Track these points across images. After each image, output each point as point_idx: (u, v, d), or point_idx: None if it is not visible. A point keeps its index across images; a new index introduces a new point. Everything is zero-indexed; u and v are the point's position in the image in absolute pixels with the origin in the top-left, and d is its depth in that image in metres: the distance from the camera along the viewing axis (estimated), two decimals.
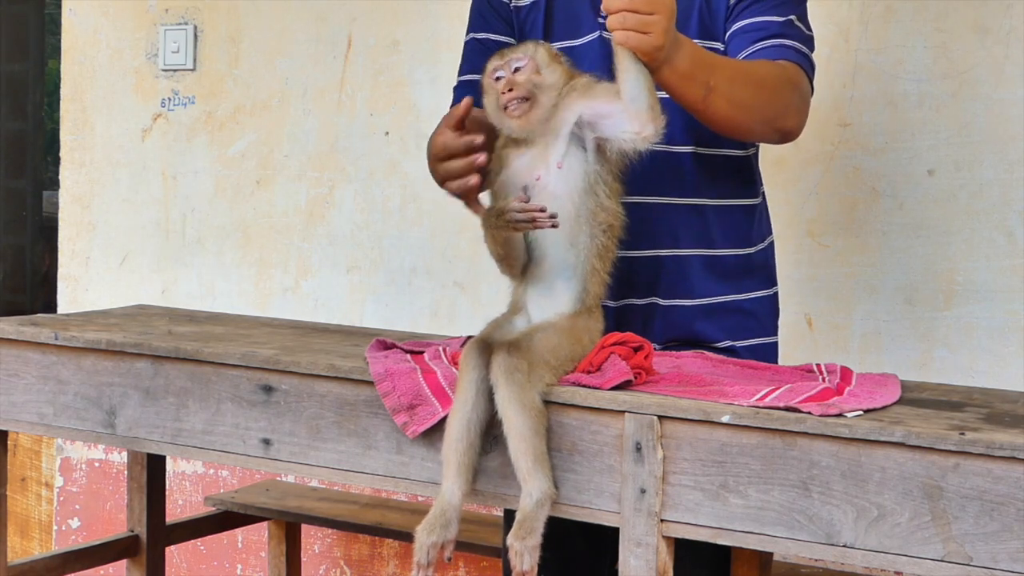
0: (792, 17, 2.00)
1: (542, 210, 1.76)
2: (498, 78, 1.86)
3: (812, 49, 2.04)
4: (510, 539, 1.67)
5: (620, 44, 1.76)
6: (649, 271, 2.04)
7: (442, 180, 1.91)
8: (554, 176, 1.83)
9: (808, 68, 2.01)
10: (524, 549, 1.66)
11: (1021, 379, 2.55)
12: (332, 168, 3.33)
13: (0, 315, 2.42)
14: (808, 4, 2.07)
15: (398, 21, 3.24)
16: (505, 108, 1.83)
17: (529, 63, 1.85)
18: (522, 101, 1.83)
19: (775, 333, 2.15)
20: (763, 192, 2.17)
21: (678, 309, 2.04)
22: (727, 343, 2.05)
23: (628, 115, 1.79)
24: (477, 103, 1.90)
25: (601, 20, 2.05)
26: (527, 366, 1.70)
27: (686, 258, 2.04)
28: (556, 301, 1.84)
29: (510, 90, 1.83)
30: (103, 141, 3.65)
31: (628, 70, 1.78)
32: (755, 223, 2.13)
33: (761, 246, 2.13)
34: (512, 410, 1.69)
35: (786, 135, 2.01)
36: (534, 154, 1.85)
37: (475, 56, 2.12)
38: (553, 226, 1.76)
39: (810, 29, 2.05)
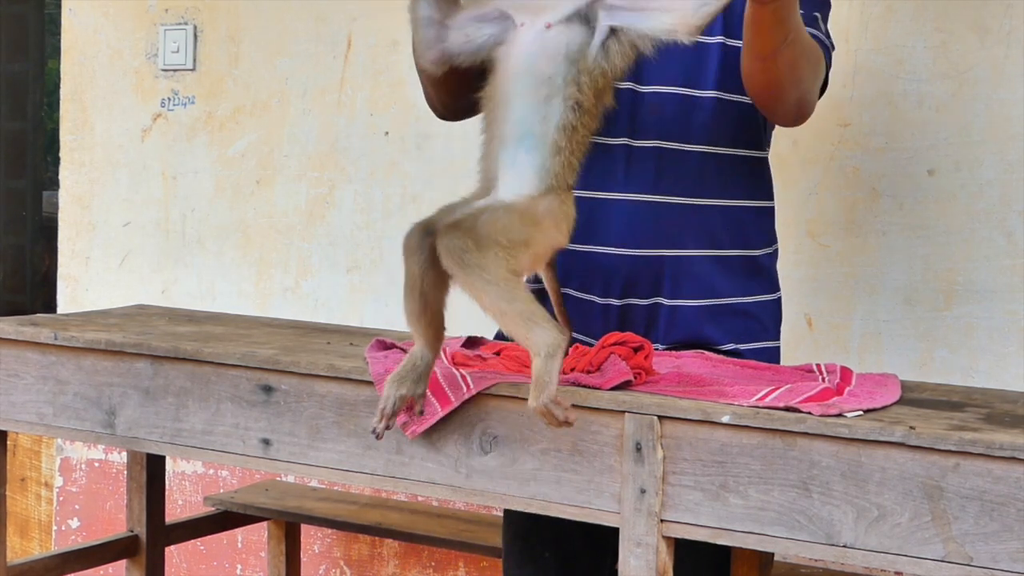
0: (817, 14, 1.99)
1: None
2: None
3: (832, 49, 2.04)
4: (530, 403, 1.59)
5: None
6: (654, 270, 2.02)
7: None
8: (536, 32, 1.72)
9: (828, 60, 2.01)
10: (544, 405, 1.58)
11: (1021, 379, 2.55)
12: (332, 168, 3.33)
13: (0, 315, 2.42)
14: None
15: (398, 21, 3.21)
16: None
17: None
18: None
19: (778, 338, 2.14)
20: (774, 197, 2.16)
21: (683, 310, 2.03)
22: (731, 346, 2.04)
23: (679, 14, 1.68)
24: None
25: None
26: (474, 244, 1.60)
27: (693, 258, 2.03)
28: (520, 174, 1.72)
29: None
30: (103, 141, 3.65)
31: None
32: (764, 226, 2.12)
33: (768, 250, 2.12)
34: (481, 292, 1.59)
35: (801, 116, 1.99)
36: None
37: None
38: None
39: (830, 37, 2.05)
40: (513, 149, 1.72)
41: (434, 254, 1.63)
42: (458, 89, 1.93)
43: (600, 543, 2.04)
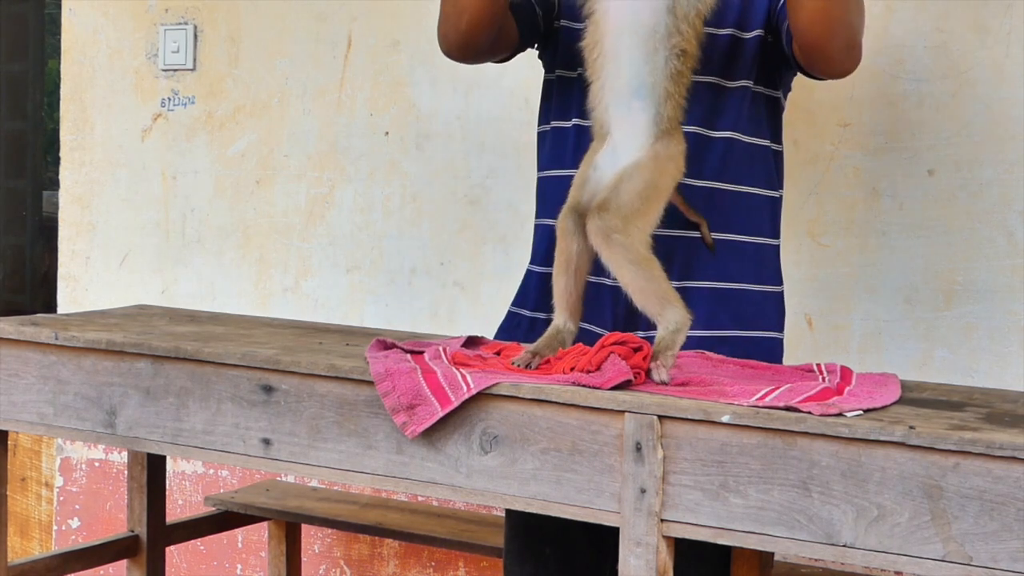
0: None
1: None
2: None
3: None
4: (652, 372, 1.75)
5: None
6: (665, 251, 2.01)
7: None
8: None
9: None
10: (661, 365, 1.75)
11: (1021, 379, 2.55)
12: (332, 168, 3.33)
13: (0, 315, 2.42)
14: None
15: (398, 21, 3.24)
16: None
17: None
18: None
19: (782, 330, 2.14)
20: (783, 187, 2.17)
21: (692, 292, 2.02)
22: (738, 332, 2.04)
23: None
24: None
25: None
26: (622, 223, 1.76)
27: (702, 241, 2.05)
28: (636, 123, 1.86)
29: None
30: (103, 141, 3.65)
31: None
32: (775, 217, 2.13)
33: (776, 241, 2.13)
34: (623, 270, 1.76)
35: (852, 58, 2.01)
36: None
37: None
38: None
39: None
40: (627, 100, 1.86)
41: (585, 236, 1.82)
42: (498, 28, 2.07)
43: (601, 540, 2.04)
